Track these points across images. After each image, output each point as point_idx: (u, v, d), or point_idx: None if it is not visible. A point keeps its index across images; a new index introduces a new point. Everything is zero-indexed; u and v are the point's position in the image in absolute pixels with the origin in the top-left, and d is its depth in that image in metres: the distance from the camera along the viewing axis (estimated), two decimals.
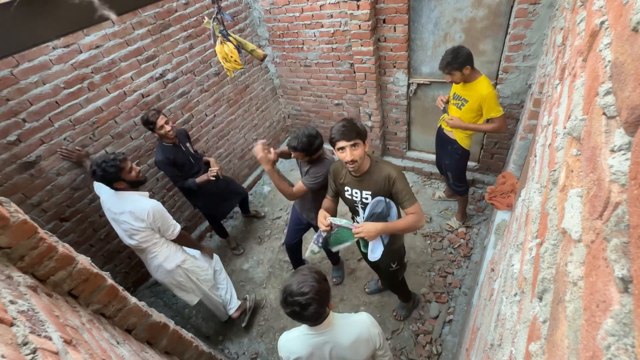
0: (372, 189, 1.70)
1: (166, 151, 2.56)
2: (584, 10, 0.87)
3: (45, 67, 2.16)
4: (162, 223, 2.07)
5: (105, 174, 1.90)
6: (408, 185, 1.66)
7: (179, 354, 1.77)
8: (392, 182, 1.63)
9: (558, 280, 0.51)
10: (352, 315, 1.41)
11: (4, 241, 0.93)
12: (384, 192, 1.68)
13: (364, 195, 1.74)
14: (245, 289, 3.07)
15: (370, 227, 1.63)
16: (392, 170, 1.65)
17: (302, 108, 4.19)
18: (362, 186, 1.73)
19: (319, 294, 1.19)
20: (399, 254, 2.05)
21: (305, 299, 1.16)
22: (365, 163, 1.68)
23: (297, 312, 1.18)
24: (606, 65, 0.47)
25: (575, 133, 0.58)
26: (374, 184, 1.68)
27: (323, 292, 1.22)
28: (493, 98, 2.22)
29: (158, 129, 2.47)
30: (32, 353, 0.61)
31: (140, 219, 1.98)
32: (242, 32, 3.50)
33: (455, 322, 2.51)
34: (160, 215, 2.04)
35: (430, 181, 3.67)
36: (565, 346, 0.41)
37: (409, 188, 1.66)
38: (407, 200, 1.62)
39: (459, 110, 2.40)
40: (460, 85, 2.37)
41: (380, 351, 1.41)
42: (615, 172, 0.36)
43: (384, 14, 2.84)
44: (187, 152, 2.73)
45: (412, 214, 1.63)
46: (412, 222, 1.62)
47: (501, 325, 0.88)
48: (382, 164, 1.70)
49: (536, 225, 0.78)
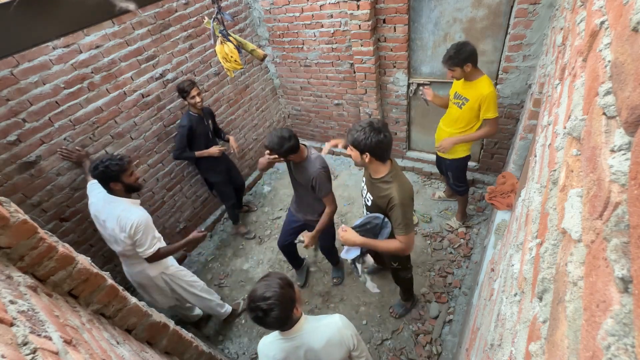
0: (374, 197, 1.72)
1: (192, 119, 2.81)
2: (584, 10, 0.87)
3: (45, 67, 2.16)
4: (140, 237, 1.95)
5: (107, 172, 1.88)
6: (408, 214, 1.62)
7: (179, 354, 1.77)
8: (390, 207, 1.63)
9: (558, 280, 0.51)
10: (323, 318, 1.39)
11: (4, 241, 0.93)
12: (383, 209, 1.68)
13: (367, 197, 1.78)
14: (245, 289, 3.07)
15: (351, 236, 1.74)
16: (397, 195, 1.59)
17: (302, 108, 4.19)
18: (369, 188, 1.76)
19: (281, 299, 1.19)
20: (398, 256, 2.06)
21: (267, 304, 1.17)
22: (379, 170, 1.66)
23: (261, 317, 1.18)
24: (606, 65, 0.47)
25: (575, 133, 0.58)
26: (377, 195, 1.70)
27: (286, 297, 1.21)
28: (493, 98, 2.22)
29: (190, 97, 2.70)
30: (32, 353, 0.61)
31: (123, 229, 1.92)
32: (242, 32, 3.50)
33: (455, 322, 2.51)
34: (143, 229, 1.94)
35: (430, 181, 3.67)
36: (565, 346, 0.41)
37: (407, 218, 1.62)
38: (398, 228, 1.63)
39: (460, 109, 2.39)
40: (461, 84, 2.36)
41: (356, 352, 1.40)
42: (615, 172, 0.36)
43: (384, 14, 2.84)
44: (208, 127, 2.97)
45: (399, 242, 1.66)
46: (394, 248, 1.68)
47: (501, 325, 0.88)
48: (396, 182, 1.62)
49: (536, 225, 0.78)
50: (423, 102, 3.10)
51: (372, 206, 1.75)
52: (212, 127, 3.05)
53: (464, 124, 2.44)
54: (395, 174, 1.64)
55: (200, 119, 2.86)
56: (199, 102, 2.74)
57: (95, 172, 1.89)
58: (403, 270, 2.20)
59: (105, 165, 1.87)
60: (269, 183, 4.19)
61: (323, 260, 3.12)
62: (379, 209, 1.71)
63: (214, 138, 3.06)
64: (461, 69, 2.18)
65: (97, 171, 1.88)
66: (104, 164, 1.87)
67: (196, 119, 2.83)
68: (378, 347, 2.47)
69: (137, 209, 2.00)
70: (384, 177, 1.64)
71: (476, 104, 2.27)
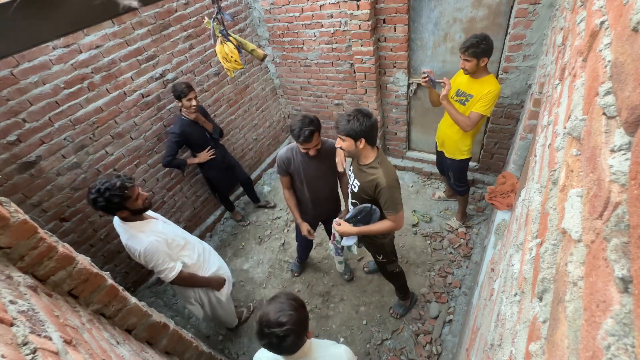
0: (361, 182, 1.80)
1: (184, 125, 2.70)
2: (584, 10, 0.87)
3: (45, 67, 2.16)
4: (155, 265, 1.81)
5: (108, 205, 1.64)
6: (395, 194, 1.70)
7: (179, 354, 1.77)
8: (378, 191, 1.71)
9: (558, 280, 0.51)
10: (330, 346, 1.31)
11: (4, 241, 0.93)
12: (370, 194, 1.76)
13: (355, 183, 1.86)
14: (245, 289, 3.07)
15: (346, 228, 1.86)
16: (384, 179, 1.67)
17: (302, 108, 4.19)
18: (356, 174, 1.84)
19: (298, 324, 1.11)
20: (383, 249, 2.11)
21: (283, 331, 1.08)
22: (367, 156, 1.74)
23: (275, 343, 1.09)
24: (606, 65, 0.47)
25: (575, 133, 0.58)
26: (364, 181, 1.77)
27: (302, 320, 1.14)
28: (495, 97, 2.19)
29: (186, 99, 2.58)
30: (32, 353, 0.61)
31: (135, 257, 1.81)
32: (242, 32, 3.50)
33: (455, 322, 2.51)
34: (152, 256, 1.79)
35: (430, 181, 3.67)
36: (565, 346, 0.41)
37: (395, 198, 1.70)
38: (388, 209, 1.73)
39: (463, 105, 2.36)
40: (465, 81, 2.33)
41: None
42: (615, 172, 0.36)
43: (384, 14, 2.84)
44: (204, 128, 2.86)
45: (389, 221, 1.77)
46: (387, 227, 1.79)
47: (501, 325, 0.88)
48: (381, 168, 1.70)
49: (536, 225, 0.78)
50: (423, 103, 3.09)
51: (359, 191, 1.82)
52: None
53: None
54: (382, 159, 1.74)
55: (193, 123, 2.76)
56: (194, 105, 2.64)
57: (97, 206, 1.64)
58: (389, 263, 2.22)
59: (104, 198, 1.62)
60: (269, 183, 4.19)
61: (323, 260, 3.12)
62: (366, 193, 1.79)
63: (213, 139, 2.98)
64: (477, 62, 2.14)
65: (97, 205, 1.63)
66: (103, 197, 1.61)
67: (188, 124, 2.73)
68: (378, 347, 2.47)
69: (142, 237, 1.78)
70: (371, 163, 1.73)
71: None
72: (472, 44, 2.10)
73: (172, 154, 2.71)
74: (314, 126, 1.85)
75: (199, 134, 2.82)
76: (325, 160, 2.09)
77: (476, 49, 2.10)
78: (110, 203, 1.63)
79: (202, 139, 2.87)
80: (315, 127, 1.86)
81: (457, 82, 2.44)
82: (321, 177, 2.15)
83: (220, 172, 3.13)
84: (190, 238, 2.12)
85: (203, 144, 2.90)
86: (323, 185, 2.22)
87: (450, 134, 2.55)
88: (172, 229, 2.01)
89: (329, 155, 2.09)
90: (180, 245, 1.97)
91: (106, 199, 1.62)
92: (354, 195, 1.89)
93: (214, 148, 2.97)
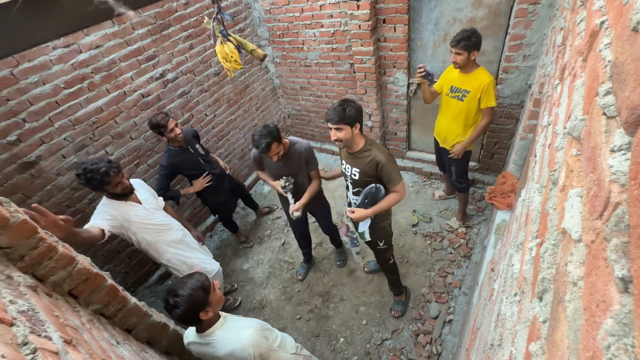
0: (360, 168, 1.87)
1: (172, 155, 2.54)
2: (584, 10, 0.87)
3: (45, 67, 2.16)
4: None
5: (87, 184, 1.86)
6: (394, 167, 1.83)
7: (179, 354, 1.77)
8: (380, 167, 1.80)
9: (558, 280, 0.51)
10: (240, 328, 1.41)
11: (4, 241, 0.93)
12: (372, 174, 1.85)
13: (353, 172, 1.92)
14: (245, 289, 3.08)
15: (361, 213, 1.89)
16: (382, 156, 1.79)
17: (302, 108, 4.19)
18: (353, 163, 1.90)
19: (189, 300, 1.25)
20: (384, 231, 2.16)
21: (174, 301, 1.25)
22: (359, 142, 1.84)
23: (168, 309, 1.28)
24: (606, 65, 0.47)
25: (575, 133, 0.58)
26: (363, 165, 1.85)
27: (194, 299, 1.27)
28: (494, 87, 2.27)
29: (168, 132, 2.44)
30: (32, 353, 0.61)
31: None
32: (242, 32, 3.50)
33: (455, 322, 2.51)
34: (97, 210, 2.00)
35: (430, 181, 3.67)
36: (565, 346, 0.41)
37: (395, 170, 1.82)
38: (392, 181, 1.83)
39: (461, 101, 2.39)
40: (457, 77, 2.37)
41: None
42: (615, 172, 0.36)
43: (384, 14, 2.84)
44: (197, 153, 2.70)
45: (394, 192, 1.87)
46: (395, 199, 1.88)
47: (501, 325, 0.88)
48: (374, 148, 1.82)
49: (536, 225, 0.78)
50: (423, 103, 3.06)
51: (360, 176, 1.89)
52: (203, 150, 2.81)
53: (466, 116, 2.44)
54: (371, 141, 1.87)
55: (183, 151, 2.59)
56: (179, 133, 2.47)
57: (78, 181, 1.87)
58: (388, 249, 2.27)
59: (86, 177, 1.83)
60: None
61: (323, 260, 3.12)
62: (368, 175, 1.86)
63: (208, 164, 2.79)
64: (468, 55, 2.19)
65: (79, 181, 1.86)
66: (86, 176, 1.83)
67: (178, 153, 2.56)
68: (378, 347, 2.47)
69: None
70: (364, 147, 1.83)
71: (478, 94, 2.30)
72: (463, 37, 2.15)
73: (163, 188, 2.54)
74: (271, 138, 1.98)
75: (190, 161, 2.64)
76: (292, 161, 2.21)
77: (467, 42, 2.15)
78: (89, 183, 1.85)
79: (194, 166, 2.68)
80: (272, 139, 1.98)
81: (448, 79, 2.47)
82: (293, 173, 2.27)
83: (219, 198, 2.95)
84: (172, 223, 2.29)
85: (197, 171, 2.71)
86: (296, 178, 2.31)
87: (454, 128, 2.56)
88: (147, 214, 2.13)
89: (298, 155, 2.20)
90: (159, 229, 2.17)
91: (87, 179, 1.84)
92: (356, 183, 1.95)
93: (210, 174, 2.77)
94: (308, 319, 2.74)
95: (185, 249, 2.32)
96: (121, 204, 2.01)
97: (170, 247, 2.24)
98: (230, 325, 1.42)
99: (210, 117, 3.42)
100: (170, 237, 2.23)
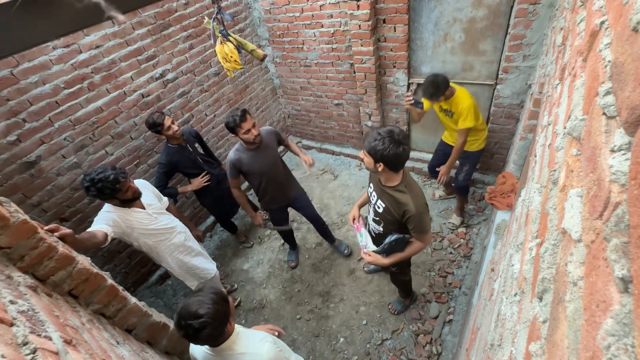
0: (386, 204, 1.70)
1: (170, 153, 2.55)
2: (584, 10, 0.87)
3: (45, 67, 2.16)
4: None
5: (99, 194, 1.81)
6: (425, 219, 1.63)
7: (179, 354, 1.77)
8: (407, 218, 1.63)
9: (558, 280, 0.51)
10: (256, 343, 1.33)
11: (4, 241, 0.93)
12: (397, 217, 1.68)
13: (379, 204, 1.75)
14: (245, 289, 3.07)
15: (378, 259, 1.80)
16: (413, 207, 1.58)
17: (302, 108, 4.19)
18: (380, 195, 1.73)
19: (215, 317, 1.16)
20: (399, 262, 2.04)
21: (199, 323, 1.12)
22: (391, 179, 1.62)
23: (191, 335, 1.14)
24: (606, 65, 0.47)
25: (575, 133, 0.58)
26: (389, 203, 1.68)
27: (220, 314, 1.19)
28: (472, 110, 2.36)
29: (165, 130, 2.44)
30: (32, 353, 0.61)
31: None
32: (242, 32, 3.50)
33: (455, 322, 2.51)
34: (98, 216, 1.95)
35: (430, 181, 3.67)
36: (565, 346, 0.41)
37: (424, 222, 1.63)
38: (417, 233, 1.67)
39: (451, 118, 2.53)
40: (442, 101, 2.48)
41: None
42: (615, 172, 0.36)
43: (384, 14, 2.84)
44: (195, 152, 2.70)
45: (420, 242, 1.72)
46: (417, 250, 1.76)
47: (501, 325, 0.88)
48: (409, 193, 1.60)
49: (536, 225, 0.78)
50: None
51: (384, 212, 1.73)
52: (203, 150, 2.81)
53: None
54: (408, 182, 1.63)
55: (181, 149, 2.59)
56: (176, 130, 2.47)
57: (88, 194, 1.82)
58: (402, 274, 2.23)
59: (97, 188, 1.79)
60: None
61: (323, 261, 3.12)
62: (391, 215, 1.69)
63: (208, 163, 2.78)
64: (444, 96, 2.36)
65: (89, 193, 1.81)
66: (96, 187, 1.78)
67: (176, 151, 2.56)
68: (378, 347, 2.47)
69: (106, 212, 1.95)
70: (397, 186, 1.61)
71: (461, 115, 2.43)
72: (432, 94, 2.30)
73: (161, 185, 2.54)
74: (243, 110, 2.11)
75: (188, 159, 2.64)
76: (268, 148, 2.33)
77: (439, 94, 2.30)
78: (101, 193, 1.81)
79: (193, 165, 2.68)
80: (244, 110, 2.11)
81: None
82: (272, 164, 2.37)
83: (216, 199, 2.91)
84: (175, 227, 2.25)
85: (196, 170, 2.71)
86: (276, 170, 2.43)
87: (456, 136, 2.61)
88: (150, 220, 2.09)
89: (269, 140, 2.33)
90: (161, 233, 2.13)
91: (98, 189, 1.79)
92: (378, 214, 1.79)
93: (209, 173, 2.76)
94: (308, 319, 2.74)
95: (186, 254, 2.29)
96: (125, 211, 1.95)
97: (171, 252, 2.20)
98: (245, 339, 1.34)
99: (210, 117, 3.42)
100: (172, 240, 2.19)
